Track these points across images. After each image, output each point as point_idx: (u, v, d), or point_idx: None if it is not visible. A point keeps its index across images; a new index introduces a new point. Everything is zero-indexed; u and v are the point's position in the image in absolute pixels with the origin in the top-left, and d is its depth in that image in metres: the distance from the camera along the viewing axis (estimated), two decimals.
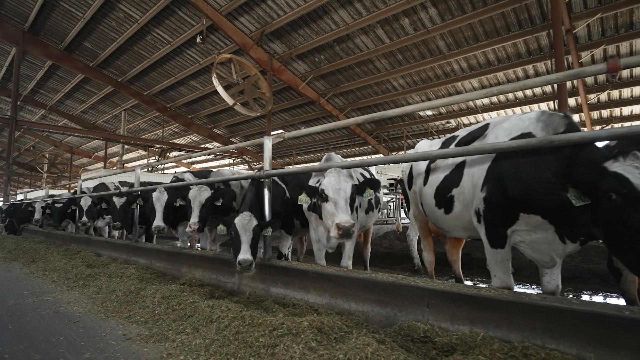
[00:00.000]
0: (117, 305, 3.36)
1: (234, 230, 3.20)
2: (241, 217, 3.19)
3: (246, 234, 3.17)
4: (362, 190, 2.97)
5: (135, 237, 5.54)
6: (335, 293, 2.70)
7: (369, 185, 2.95)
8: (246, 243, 3.16)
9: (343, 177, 2.91)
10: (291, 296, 3.00)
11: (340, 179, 2.88)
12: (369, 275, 2.58)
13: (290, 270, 3.06)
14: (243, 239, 3.16)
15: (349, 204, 2.83)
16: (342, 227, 2.62)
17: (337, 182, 2.85)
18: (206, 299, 3.16)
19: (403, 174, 3.69)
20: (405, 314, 2.30)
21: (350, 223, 2.63)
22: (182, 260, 4.28)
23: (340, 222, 2.64)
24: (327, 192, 2.86)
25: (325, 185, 2.89)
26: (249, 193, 3.52)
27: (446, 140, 3.06)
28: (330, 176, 2.92)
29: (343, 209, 2.76)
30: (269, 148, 3.47)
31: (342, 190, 2.83)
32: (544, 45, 11.66)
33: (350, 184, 2.90)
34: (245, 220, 3.18)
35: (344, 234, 2.62)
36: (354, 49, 13.52)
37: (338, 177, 2.89)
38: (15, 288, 4.34)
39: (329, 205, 2.85)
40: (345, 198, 2.82)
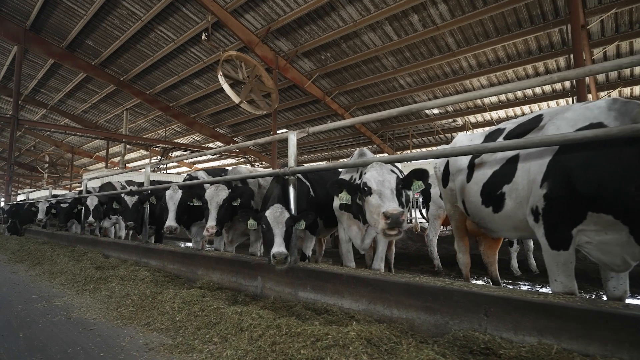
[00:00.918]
0: (133, 310, 3.15)
1: (265, 223, 3.02)
2: (273, 209, 3.01)
3: (279, 227, 3.00)
4: (409, 182, 2.73)
5: (145, 238, 5.33)
6: (374, 298, 2.50)
7: (416, 176, 2.71)
8: (279, 236, 2.99)
9: (386, 170, 2.71)
10: (322, 301, 2.80)
11: (384, 171, 2.69)
12: (413, 280, 2.38)
13: (321, 273, 2.86)
14: (276, 231, 2.99)
15: (395, 194, 2.62)
16: (390, 215, 2.39)
17: (380, 174, 2.67)
18: (229, 304, 2.96)
19: (436, 171, 3.49)
20: (458, 323, 2.09)
21: (399, 210, 2.41)
22: (198, 262, 4.07)
23: (387, 210, 2.42)
24: (371, 184, 2.66)
25: (368, 178, 2.69)
26: (275, 190, 3.31)
27: (491, 133, 2.85)
28: (372, 169, 2.73)
29: (389, 198, 2.56)
30: (293, 143, 3.27)
31: (387, 181, 2.64)
32: (556, 42, 11.45)
33: (395, 176, 2.70)
34: (277, 213, 3.00)
35: (392, 223, 2.39)
36: (361, 46, 13.31)
37: (381, 170, 2.70)
38: (22, 292, 4.13)
39: (373, 198, 2.65)
40: (391, 188, 2.62)
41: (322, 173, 4.13)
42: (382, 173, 2.67)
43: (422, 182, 2.69)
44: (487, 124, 16.84)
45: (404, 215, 2.44)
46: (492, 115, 16.18)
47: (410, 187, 2.73)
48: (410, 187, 2.73)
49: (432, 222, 5.78)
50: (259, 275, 3.33)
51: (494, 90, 2.44)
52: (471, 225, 3.15)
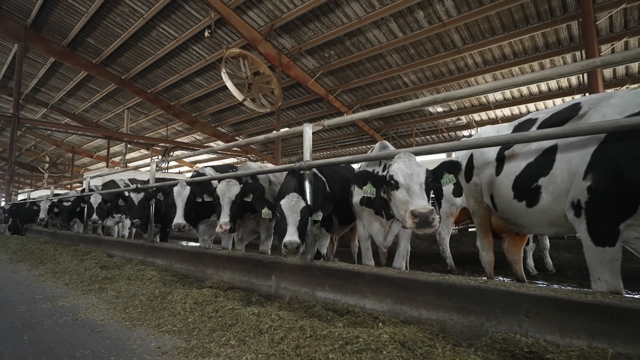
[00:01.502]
0: (142, 311, 3.01)
1: (279, 212, 2.90)
2: (288, 197, 2.89)
3: (293, 216, 2.88)
4: (439, 175, 2.54)
5: (150, 236, 5.19)
6: (399, 298, 2.36)
7: (447, 169, 2.52)
8: (293, 225, 2.87)
9: (414, 162, 2.53)
10: (342, 301, 2.66)
11: (412, 163, 2.51)
12: (443, 279, 2.24)
13: (340, 271, 2.72)
14: (289, 220, 2.88)
15: (424, 189, 2.45)
16: (418, 214, 2.23)
17: (408, 167, 2.48)
18: (244, 304, 2.82)
19: None
20: (495, 324, 1.95)
21: (428, 209, 2.25)
22: (207, 261, 3.93)
23: (416, 209, 2.26)
24: (397, 177, 2.49)
25: (395, 170, 2.52)
26: (291, 183, 3.17)
27: (521, 124, 2.70)
28: (399, 161, 2.55)
29: (418, 194, 2.39)
30: (309, 137, 3.13)
31: (415, 174, 2.46)
32: (563, 38, 11.31)
33: (424, 168, 2.52)
34: (293, 201, 2.88)
35: (421, 222, 2.24)
36: (365, 43, 13.17)
37: (409, 162, 2.52)
38: (25, 292, 3.99)
39: (399, 193, 2.48)
40: (420, 183, 2.44)
41: (337, 169, 3.99)
42: (410, 165, 2.49)
43: (453, 176, 2.52)
44: (491, 122, 16.69)
45: (433, 214, 2.29)
46: (497, 114, 16.03)
47: (440, 181, 2.55)
48: (441, 180, 2.55)
49: (445, 220, 5.64)
50: (273, 274, 3.19)
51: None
52: (497, 221, 3.01)
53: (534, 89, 14.11)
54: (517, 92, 14.49)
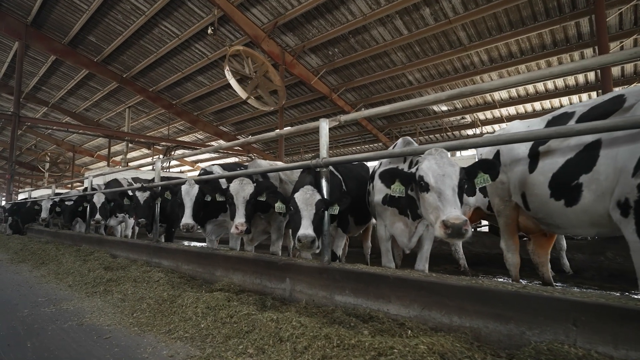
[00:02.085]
0: (150, 316, 2.86)
1: (293, 205, 2.76)
2: (303, 190, 2.75)
3: (308, 209, 2.74)
4: (474, 174, 2.31)
5: (156, 237, 5.04)
6: (428, 304, 2.21)
7: (483, 168, 2.29)
8: (307, 218, 2.73)
9: (447, 160, 2.31)
10: (364, 306, 2.51)
11: (444, 162, 2.29)
12: (476, 283, 2.09)
13: (362, 274, 2.57)
14: (304, 213, 2.73)
15: (456, 193, 2.23)
16: (450, 225, 2.05)
17: (440, 166, 2.27)
18: (259, 309, 2.68)
19: None
20: (538, 334, 1.80)
21: (461, 219, 2.06)
22: (217, 262, 3.78)
23: (448, 219, 2.08)
24: (428, 179, 2.29)
25: (425, 170, 2.31)
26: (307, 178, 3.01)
27: (556, 118, 2.54)
28: (430, 159, 2.34)
29: (450, 200, 2.18)
30: (325, 132, 2.98)
31: (448, 176, 2.24)
32: (571, 36, 11.16)
33: (458, 168, 2.30)
34: (307, 194, 2.74)
35: (453, 234, 2.06)
36: (370, 41, 13.01)
37: (441, 160, 2.30)
38: (27, 294, 3.85)
39: (430, 196, 2.28)
40: (452, 186, 2.23)
41: (351, 167, 3.84)
42: (442, 165, 2.28)
43: (489, 176, 2.29)
44: (496, 121, 16.55)
45: (467, 225, 2.09)
46: (502, 112, 15.88)
47: (475, 180, 2.34)
48: (474, 180, 2.34)
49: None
50: (288, 276, 3.04)
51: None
52: (526, 221, 2.86)
53: (540, 87, 13.95)
54: (523, 90, 14.34)
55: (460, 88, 2.35)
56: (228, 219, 4.57)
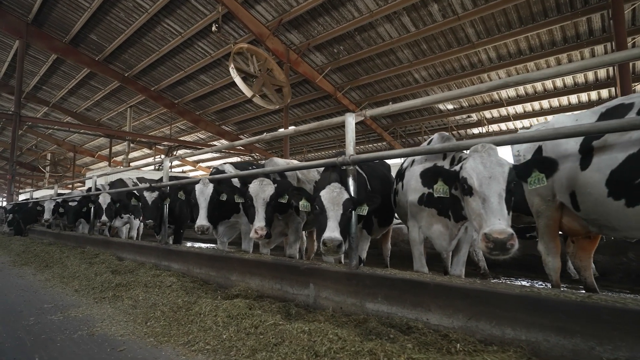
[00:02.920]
0: (166, 325, 2.67)
1: (318, 204, 2.55)
2: (330, 188, 2.55)
3: (334, 209, 2.54)
4: (527, 173, 2.05)
5: (164, 238, 4.85)
6: (475, 314, 2.02)
7: (539, 166, 2.01)
8: (334, 219, 2.53)
9: (495, 159, 2.05)
10: (400, 315, 2.32)
11: (492, 162, 2.03)
12: (532, 292, 1.90)
13: (396, 281, 2.38)
14: (330, 214, 2.54)
15: (504, 198, 1.98)
16: (493, 240, 1.84)
17: (487, 167, 2.02)
18: (284, 317, 2.48)
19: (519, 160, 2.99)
20: (611, 350, 1.61)
21: (506, 234, 1.83)
22: (232, 266, 3.59)
23: (491, 233, 1.86)
24: (472, 182, 2.06)
25: (469, 171, 2.08)
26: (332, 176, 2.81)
27: (609, 110, 2.34)
28: (476, 157, 2.09)
29: (495, 209, 1.94)
30: (352, 128, 2.79)
31: (495, 179, 1.99)
32: (582, 32, 10.96)
33: (508, 168, 2.03)
34: (335, 192, 2.54)
35: (496, 249, 1.86)
36: (376, 38, 12.81)
37: (489, 159, 2.05)
38: (32, 300, 3.66)
39: (473, 201, 2.07)
40: (499, 191, 1.98)
41: (374, 166, 3.65)
42: (490, 165, 2.03)
43: (544, 176, 2.02)
44: (503, 119, 16.35)
45: (513, 239, 1.88)
46: (509, 111, 15.69)
47: (526, 180, 2.08)
48: (527, 179, 2.07)
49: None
50: (311, 282, 2.85)
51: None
52: (571, 223, 2.67)
53: (549, 85, 13.76)
54: (531, 88, 14.14)
55: (504, 78, 2.15)
56: (240, 220, 4.39)
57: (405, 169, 3.11)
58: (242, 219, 4.27)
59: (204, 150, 13.97)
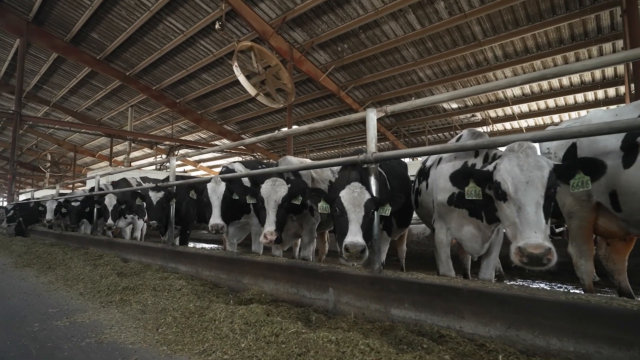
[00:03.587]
0: (178, 332, 2.53)
1: (338, 205, 2.40)
2: (350, 188, 2.40)
3: (356, 210, 2.39)
4: (570, 175, 1.88)
5: (171, 239, 4.71)
6: (515, 322, 1.88)
7: (584, 168, 1.83)
8: (355, 222, 2.38)
9: (534, 160, 1.86)
10: (429, 322, 2.18)
11: (530, 163, 1.84)
12: (579, 298, 1.76)
13: (425, 286, 2.24)
14: (351, 216, 2.38)
15: (542, 206, 1.80)
16: (528, 255, 1.70)
17: (523, 170, 1.84)
18: (305, 324, 2.35)
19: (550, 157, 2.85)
20: None
21: (542, 249, 1.69)
22: (244, 268, 3.45)
23: (526, 247, 1.72)
24: (506, 186, 1.89)
25: (504, 174, 1.91)
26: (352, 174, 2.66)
27: None
28: (512, 157, 1.90)
29: (531, 220, 1.77)
30: (373, 124, 2.65)
31: (533, 184, 1.81)
32: (590, 30, 10.82)
33: (547, 171, 1.83)
34: (355, 192, 2.39)
35: (531, 264, 1.72)
36: (381, 36, 12.67)
37: (526, 160, 1.86)
38: (36, 304, 3.52)
39: (507, 207, 1.91)
40: (537, 199, 1.79)
41: (393, 164, 3.52)
42: (527, 167, 1.84)
43: (589, 179, 1.85)
44: (508, 118, 16.22)
45: (550, 254, 1.73)
46: (514, 110, 15.55)
47: (568, 183, 1.90)
48: (570, 182, 1.90)
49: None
50: (331, 286, 2.71)
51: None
52: (608, 224, 2.52)
53: (555, 83, 13.62)
54: (537, 87, 14.00)
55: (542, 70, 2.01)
56: (251, 220, 4.25)
57: (430, 168, 2.96)
58: (253, 219, 4.13)
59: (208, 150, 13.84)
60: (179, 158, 5.53)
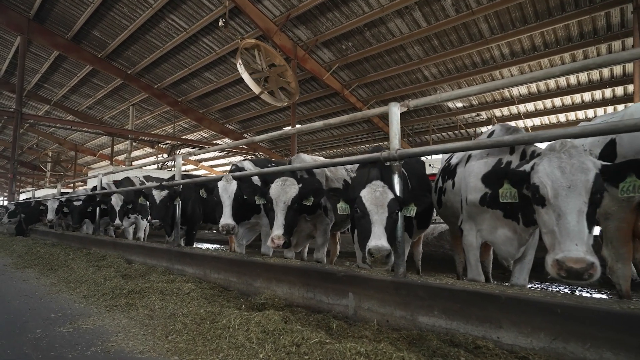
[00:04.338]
0: (189, 340, 2.37)
1: (359, 206, 2.24)
2: (371, 187, 2.25)
3: (379, 211, 2.23)
4: (619, 177, 1.68)
5: (177, 240, 4.55)
6: (562, 333, 1.72)
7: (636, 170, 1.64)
8: (379, 224, 2.21)
9: (578, 162, 1.68)
10: (462, 332, 2.02)
11: (573, 165, 1.67)
12: (637, 308, 1.60)
13: (457, 292, 2.08)
14: (374, 217, 2.22)
15: (585, 214, 1.63)
16: (566, 269, 1.56)
17: (565, 173, 1.68)
18: (327, 333, 2.19)
19: None
20: None
21: (584, 263, 1.53)
22: (256, 271, 3.29)
23: (565, 260, 1.57)
24: (544, 191, 1.73)
25: (542, 176, 1.74)
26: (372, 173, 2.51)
27: None
28: (552, 157, 1.74)
29: (572, 230, 1.61)
30: (397, 119, 2.50)
31: (575, 189, 1.64)
32: (600, 27, 10.64)
33: (593, 174, 1.65)
34: (377, 192, 2.24)
35: (570, 278, 1.58)
36: (386, 34, 12.50)
37: (569, 161, 1.69)
38: (37, 308, 3.37)
39: (546, 214, 1.74)
40: (580, 207, 1.63)
41: (412, 163, 3.35)
42: (570, 170, 1.68)
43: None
44: (513, 118, 16.04)
45: (593, 268, 1.57)
46: (520, 109, 15.37)
47: (616, 186, 1.71)
48: (619, 185, 1.70)
49: None
50: (351, 291, 2.56)
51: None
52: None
53: (562, 82, 13.44)
54: (544, 85, 13.83)
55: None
56: (261, 221, 4.09)
57: (457, 165, 2.80)
58: (263, 219, 3.98)
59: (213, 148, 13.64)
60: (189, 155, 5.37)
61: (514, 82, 2.21)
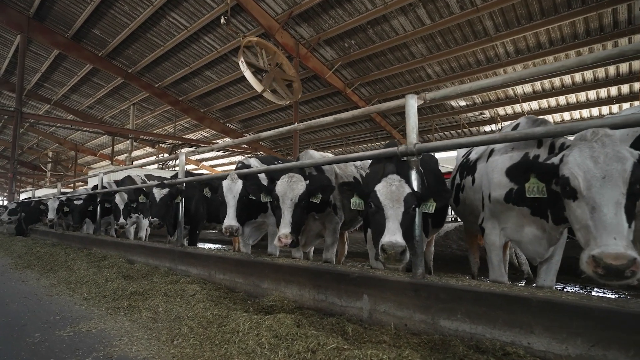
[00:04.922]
0: (196, 344, 2.25)
1: (374, 200, 2.12)
2: (387, 181, 2.13)
3: (394, 206, 2.10)
4: None
5: (180, 240, 4.43)
6: (602, 339, 1.60)
7: None
8: (394, 219, 2.09)
9: (612, 150, 1.56)
10: (489, 337, 1.90)
11: (608, 154, 1.55)
12: None
13: (483, 294, 1.95)
14: (389, 212, 2.10)
15: (623, 207, 1.51)
16: (604, 266, 1.43)
17: (597, 163, 1.56)
18: (343, 338, 2.06)
19: None
20: None
21: (625, 259, 1.40)
22: (263, 272, 3.17)
23: (602, 256, 1.45)
24: (576, 182, 1.61)
25: (573, 167, 1.63)
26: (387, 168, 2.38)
27: None
28: (583, 147, 1.62)
29: (609, 223, 1.49)
30: (414, 112, 2.38)
31: (611, 180, 1.52)
32: (607, 24, 10.51)
33: (631, 164, 1.53)
34: (393, 186, 2.12)
35: (608, 276, 1.45)
36: (389, 32, 12.36)
37: (602, 150, 1.57)
38: (37, 310, 3.24)
39: (579, 208, 1.62)
40: (617, 198, 1.51)
41: (426, 159, 3.23)
42: (604, 160, 1.56)
43: None
44: (517, 116, 15.89)
45: (635, 265, 1.43)
46: (524, 107, 15.23)
47: None
48: None
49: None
50: (365, 293, 2.43)
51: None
52: None
53: (567, 80, 13.30)
54: (549, 83, 13.69)
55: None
56: (267, 220, 3.97)
57: (477, 161, 2.68)
58: (270, 219, 3.85)
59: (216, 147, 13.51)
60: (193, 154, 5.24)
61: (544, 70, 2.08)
